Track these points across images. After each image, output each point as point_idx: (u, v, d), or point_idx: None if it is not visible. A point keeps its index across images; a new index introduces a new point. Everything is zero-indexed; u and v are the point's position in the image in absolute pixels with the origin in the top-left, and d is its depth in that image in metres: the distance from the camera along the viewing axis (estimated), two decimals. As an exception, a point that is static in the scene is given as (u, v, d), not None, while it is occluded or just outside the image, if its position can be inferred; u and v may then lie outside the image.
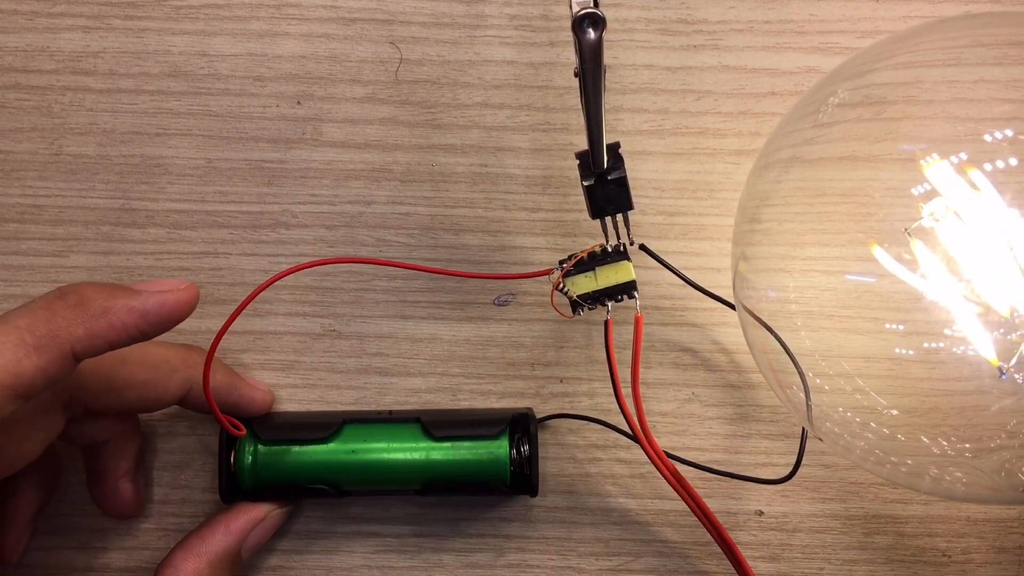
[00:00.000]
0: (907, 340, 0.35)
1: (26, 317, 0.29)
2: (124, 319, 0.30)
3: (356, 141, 0.41)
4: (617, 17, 0.40)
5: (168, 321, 0.31)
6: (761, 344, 0.36)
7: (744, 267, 0.36)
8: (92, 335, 0.29)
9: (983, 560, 0.40)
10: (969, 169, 0.33)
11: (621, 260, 0.37)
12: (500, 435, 0.38)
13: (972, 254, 0.34)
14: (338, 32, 0.41)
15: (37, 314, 0.29)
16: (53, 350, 0.29)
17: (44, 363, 0.29)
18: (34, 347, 0.28)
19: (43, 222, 0.41)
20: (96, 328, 0.30)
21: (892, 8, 0.40)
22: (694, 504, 0.37)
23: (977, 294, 0.34)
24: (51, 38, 0.41)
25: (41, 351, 0.29)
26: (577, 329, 0.41)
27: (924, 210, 0.34)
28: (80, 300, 0.30)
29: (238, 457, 0.37)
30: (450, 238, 0.41)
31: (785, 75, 0.41)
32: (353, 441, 0.38)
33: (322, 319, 0.41)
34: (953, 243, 0.34)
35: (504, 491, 0.38)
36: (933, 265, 0.34)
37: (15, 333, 0.28)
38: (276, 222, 0.41)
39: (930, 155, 0.34)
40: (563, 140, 0.41)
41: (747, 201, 0.37)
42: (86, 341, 0.29)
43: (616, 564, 0.40)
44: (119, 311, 0.30)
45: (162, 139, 0.41)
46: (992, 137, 0.33)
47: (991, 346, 0.34)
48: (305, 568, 0.40)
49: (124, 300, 0.30)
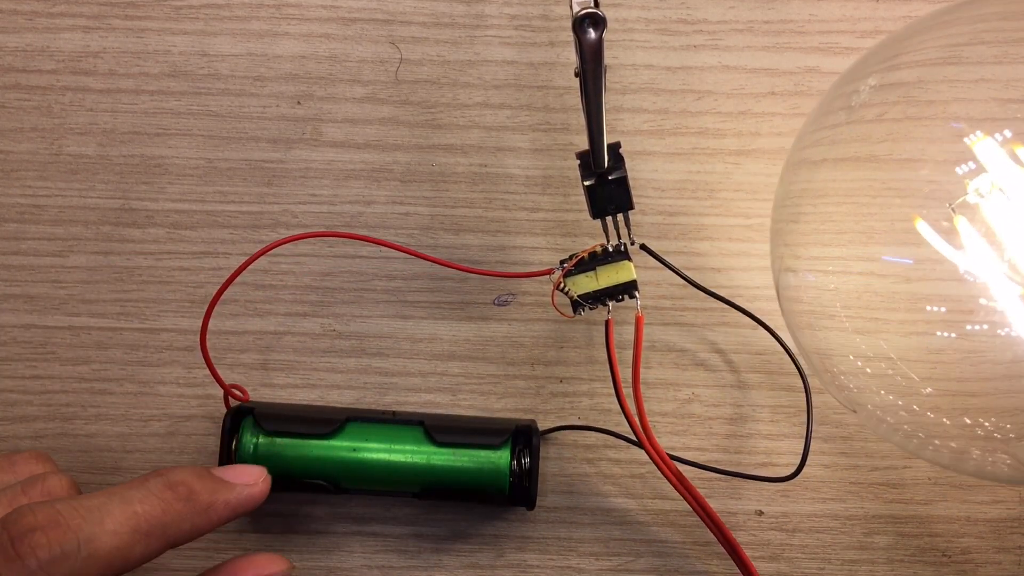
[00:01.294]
0: (948, 324, 0.35)
1: (143, 504, 0.30)
2: (221, 514, 0.32)
3: (356, 141, 0.41)
4: (617, 17, 0.40)
5: (246, 512, 0.33)
6: (813, 346, 0.36)
7: (787, 264, 0.36)
8: (195, 529, 0.31)
9: (983, 560, 0.40)
10: (1017, 147, 0.33)
11: (622, 260, 0.37)
12: (502, 445, 0.38)
13: (1016, 232, 0.34)
14: (338, 32, 0.41)
15: (152, 502, 0.30)
16: (161, 542, 0.30)
17: (149, 552, 0.30)
18: (145, 534, 0.29)
19: (43, 222, 0.41)
20: (199, 524, 0.31)
21: (892, 8, 0.40)
22: (697, 505, 0.37)
23: (1020, 273, 0.34)
24: (51, 38, 0.41)
25: (150, 540, 0.29)
26: (577, 329, 0.41)
27: (969, 187, 0.34)
28: (189, 494, 0.31)
29: (239, 446, 0.37)
30: (450, 238, 0.41)
31: (785, 75, 0.41)
32: (355, 439, 0.38)
33: (322, 319, 0.41)
34: (997, 220, 0.34)
35: (501, 502, 0.38)
36: (976, 243, 0.34)
37: (134, 520, 0.29)
38: (276, 222, 0.41)
39: (974, 133, 0.34)
40: (563, 140, 0.41)
41: (784, 200, 0.37)
42: (188, 535, 0.31)
43: (616, 564, 0.40)
44: (219, 508, 0.32)
45: (162, 139, 0.41)
46: None
47: None
48: (305, 568, 0.40)
49: (223, 496, 0.32)
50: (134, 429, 0.40)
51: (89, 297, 0.40)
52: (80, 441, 0.40)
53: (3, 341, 0.40)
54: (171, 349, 0.40)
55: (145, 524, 0.29)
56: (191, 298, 0.40)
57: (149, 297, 0.40)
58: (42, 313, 0.40)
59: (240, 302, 0.40)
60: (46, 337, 0.40)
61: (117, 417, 0.40)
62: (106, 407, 0.40)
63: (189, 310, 0.40)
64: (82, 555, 0.28)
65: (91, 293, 0.40)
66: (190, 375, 0.40)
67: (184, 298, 0.40)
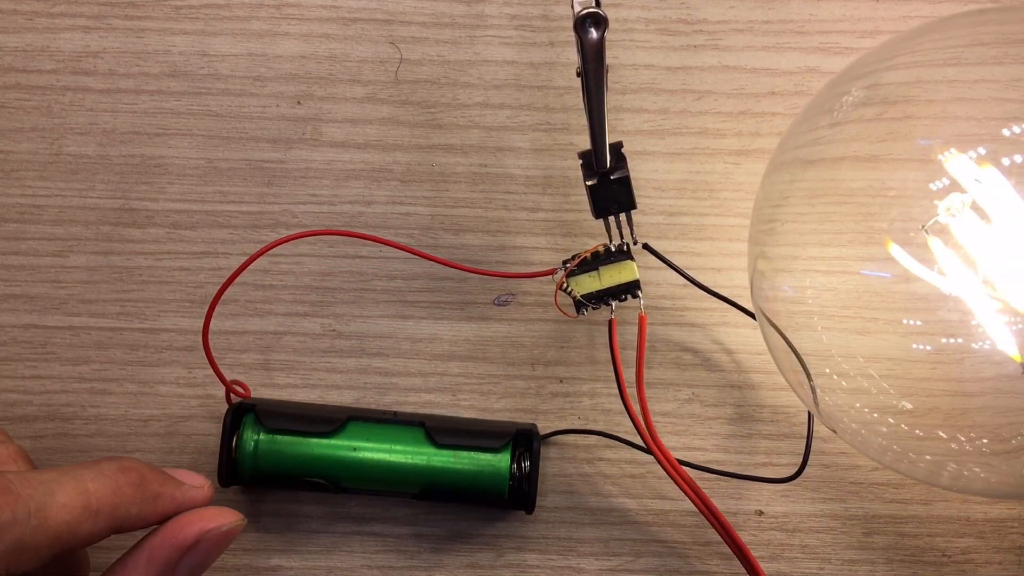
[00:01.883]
0: (925, 337, 0.35)
1: (95, 482, 0.30)
2: (165, 507, 0.32)
3: (356, 141, 0.41)
4: (617, 17, 0.40)
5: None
6: (780, 344, 0.36)
7: (762, 266, 0.36)
8: (142, 516, 0.31)
9: (983, 560, 0.40)
10: (985, 165, 0.33)
11: (625, 260, 0.37)
12: (503, 449, 0.38)
13: (990, 249, 0.34)
14: (338, 32, 0.41)
15: (104, 482, 0.30)
16: (109, 522, 0.30)
17: (97, 530, 0.30)
18: (94, 512, 0.29)
19: (43, 222, 0.41)
20: (146, 511, 0.31)
21: (892, 8, 0.41)
22: (702, 505, 0.37)
23: (996, 289, 0.34)
24: (51, 38, 0.41)
25: (99, 519, 0.29)
26: (577, 329, 0.41)
27: (940, 206, 0.34)
28: (140, 481, 0.31)
29: (240, 442, 0.37)
30: (450, 238, 0.41)
31: (785, 75, 0.41)
32: (356, 439, 0.38)
33: (322, 319, 0.41)
34: (970, 239, 0.34)
35: (500, 505, 0.38)
36: (950, 261, 0.34)
37: (85, 496, 0.29)
38: (276, 222, 0.41)
39: (947, 150, 0.34)
40: (563, 140, 0.41)
41: (763, 203, 0.37)
42: (135, 520, 0.31)
43: (616, 564, 0.40)
44: (165, 500, 0.32)
45: (162, 139, 0.41)
46: (1010, 132, 0.33)
47: (1012, 341, 0.34)
48: (305, 568, 0.40)
49: (171, 490, 0.32)
50: (134, 429, 0.40)
51: (89, 297, 0.40)
52: (80, 441, 0.40)
53: (3, 341, 0.40)
54: (171, 349, 0.40)
55: (95, 502, 0.29)
56: (191, 298, 0.40)
57: (149, 297, 0.40)
58: (42, 313, 0.40)
59: (240, 302, 0.40)
60: (46, 337, 0.40)
61: (117, 417, 0.40)
62: (106, 407, 0.40)
63: (189, 310, 0.40)
64: (32, 523, 0.28)
65: (91, 293, 0.40)
66: (190, 375, 0.40)
67: (184, 298, 0.40)
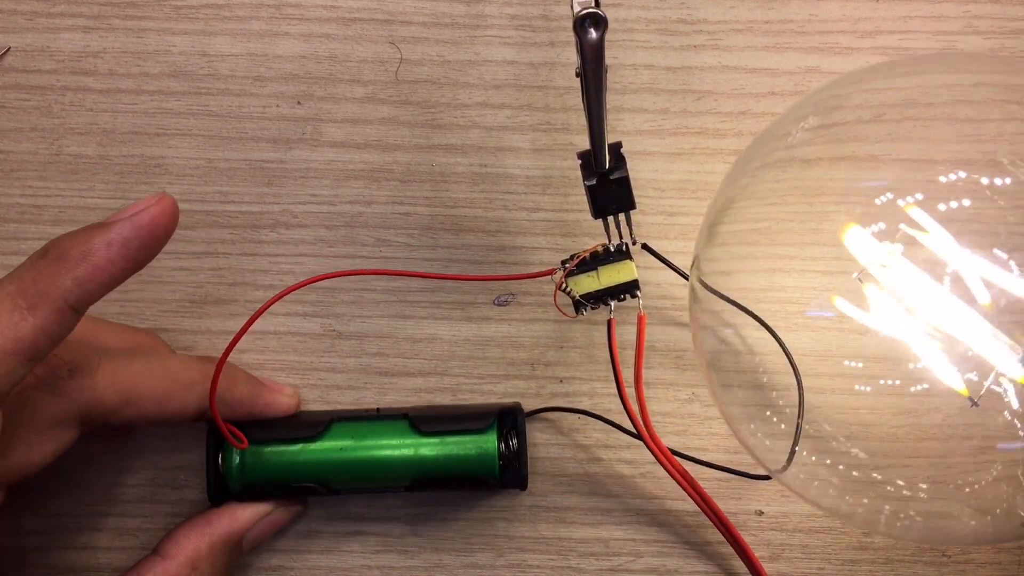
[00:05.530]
0: (865, 379, 0.35)
1: (13, 282, 0.29)
2: (106, 255, 0.30)
3: (356, 141, 0.41)
4: (617, 17, 0.40)
5: (153, 240, 0.31)
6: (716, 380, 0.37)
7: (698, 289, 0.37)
8: (80, 282, 0.29)
9: (983, 560, 0.40)
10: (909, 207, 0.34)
11: (623, 260, 0.37)
12: (488, 429, 0.38)
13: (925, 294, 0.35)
14: (338, 32, 0.41)
15: (23, 276, 0.29)
16: (47, 307, 0.29)
17: (41, 322, 0.29)
18: (27, 308, 0.29)
19: (43, 222, 0.41)
20: (81, 274, 0.29)
21: (892, 8, 0.41)
22: (701, 502, 0.37)
23: (937, 330, 0.35)
24: (51, 38, 0.41)
25: (35, 310, 0.29)
26: (577, 329, 0.41)
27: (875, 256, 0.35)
28: (61, 253, 0.30)
29: (226, 458, 0.37)
30: (450, 238, 0.41)
31: (785, 75, 0.41)
32: (342, 439, 0.38)
33: (322, 319, 0.41)
34: (904, 284, 0.35)
35: (494, 485, 0.38)
36: (887, 305, 0.35)
37: (6, 299, 0.29)
38: (276, 222, 0.41)
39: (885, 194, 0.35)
40: (563, 140, 0.41)
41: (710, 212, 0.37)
42: (76, 290, 0.29)
43: (616, 564, 0.40)
44: (98, 250, 0.30)
45: (162, 139, 0.41)
46: (946, 179, 0.34)
47: (958, 377, 0.35)
48: (305, 568, 0.40)
49: (99, 237, 0.30)
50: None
51: (89, 297, 0.40)
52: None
53: (3, 341, 0.40)
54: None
55: (21, 299, 0.29)
56: (191, 298, 0.40)
57: (149, 297, 0.40)
58: (42, 313, 0.40)
59: (240, 302, 0.40)
60: (46, 337, 0.40)
61: (117, 417, 0.40)
62: (106, 407, 0.40)
63: (189, 310, 0.40)
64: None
65: (91, 293, 0.40)
66: (190, 375, 0.40)
67: (184, 298, 0.40)
